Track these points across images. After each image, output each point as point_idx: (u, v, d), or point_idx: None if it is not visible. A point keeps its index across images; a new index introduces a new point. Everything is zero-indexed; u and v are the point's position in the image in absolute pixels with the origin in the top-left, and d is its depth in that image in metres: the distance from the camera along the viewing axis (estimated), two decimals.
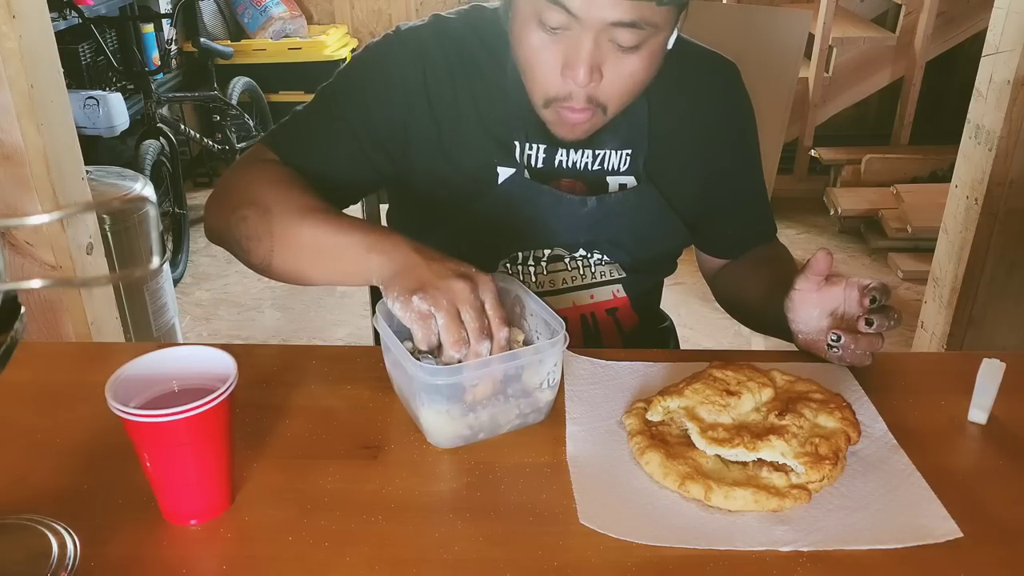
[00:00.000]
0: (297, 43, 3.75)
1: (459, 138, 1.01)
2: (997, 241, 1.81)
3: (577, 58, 0.85)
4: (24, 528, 0.67)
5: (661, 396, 0.78)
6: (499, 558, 0.65)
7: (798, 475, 0.71)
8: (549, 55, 0.88)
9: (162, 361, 0.70)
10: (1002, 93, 1.71)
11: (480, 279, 0.77)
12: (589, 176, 1.04)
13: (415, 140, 1.01)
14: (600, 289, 1.09)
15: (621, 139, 1.03)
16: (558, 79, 0.89)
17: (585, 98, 0.89)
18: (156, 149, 2.76)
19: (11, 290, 0.55)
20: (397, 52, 1.01)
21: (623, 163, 1.04)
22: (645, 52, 0.87)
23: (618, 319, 1.11)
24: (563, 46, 0.87)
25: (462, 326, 0.74)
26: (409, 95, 1.00)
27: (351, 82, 1.02)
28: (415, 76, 0.99)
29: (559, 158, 1.03)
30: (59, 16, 2.59)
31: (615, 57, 0.87)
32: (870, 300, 0.82)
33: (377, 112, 1.00)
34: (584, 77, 0.86)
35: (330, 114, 1.00)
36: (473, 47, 1.01)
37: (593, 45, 0.85)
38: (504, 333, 0.76)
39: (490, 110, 1.01)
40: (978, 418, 0.81)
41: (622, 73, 0.88)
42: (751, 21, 2.94)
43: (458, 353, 0.74)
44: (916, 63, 3.43)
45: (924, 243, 2.91)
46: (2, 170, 1.40)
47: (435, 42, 1.01)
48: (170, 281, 2.40)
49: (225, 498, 0.70)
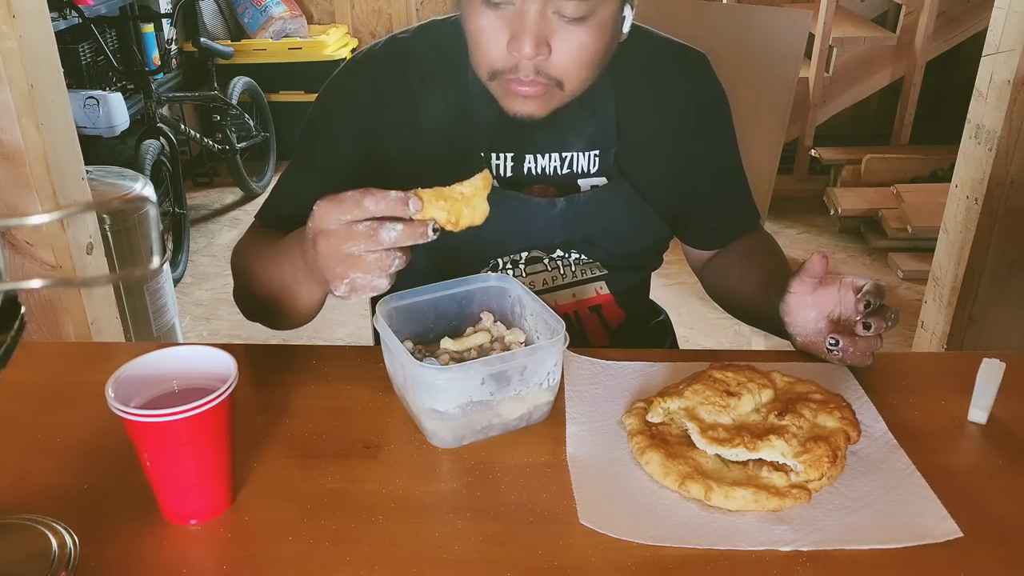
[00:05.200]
0: (297, 43, 3.75)
1: (425, 156, 1.01)
2: (997, 241, 1.81)
3: (522, 31, 0.85)
4: (24, 528, 0.67)
5: (661, 397, 0.78)
6: (499, 558, 0.65)
7: (798, 474, 0.71)
8: (495, 31, 0.87)
9: (162, 361, 0.70)
10: (1002, 93, 1.71)
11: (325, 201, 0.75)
12: (559, 181, 1.04)
13: (383, 167, 1.01)
14: (582, 287, 1.08)
15: (587, 140, 1.02)
16: (504, 53, 0.88)
17: (533, 70, 0.88)
18: (156, 149, 2.76)
19: (11, 290, 0.55)
20: (348, 84, 1.02)
21: (592, 164, 1.03)
22: (593, 23, 0.87)
23: (603, 316, 1.10)
24: (508, 20, 0.86)
25: (368, 229, 0.73)
26: (367, 125, 1.00)
27: (315, 129, 1.04)
28: (369, 105, 1.00)
29: (527, 165, 1.03)
30: (59, 16, 2.59)
31: (563, 29, 0.86)
32: (865, 305, 0.82)
33: (344, 152, 1.01)
34: (530, 49, 0.85)
35: (306, 172, 1.03)
36: (431, 62, 1.00)
37: (538, 17, 0.85)
38: (397, 194, 0.73)
39: (454, 124, 1.00)
40: (978, 418, 0.81)
41: (572, 45, 0.87)
42: (751, 21, 2.94)
43: (389, 232, 0.73)
44: (916, 63, 3.43)
45: (924, 243, 2.91)
46: (2, 170, 1.40)
47: (388, 64, 1.01)
48: (170, 281, 2.40)
49: (225, 498, 0.70)
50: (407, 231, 0.73)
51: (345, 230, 0.73)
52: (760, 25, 2.92)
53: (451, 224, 0.75)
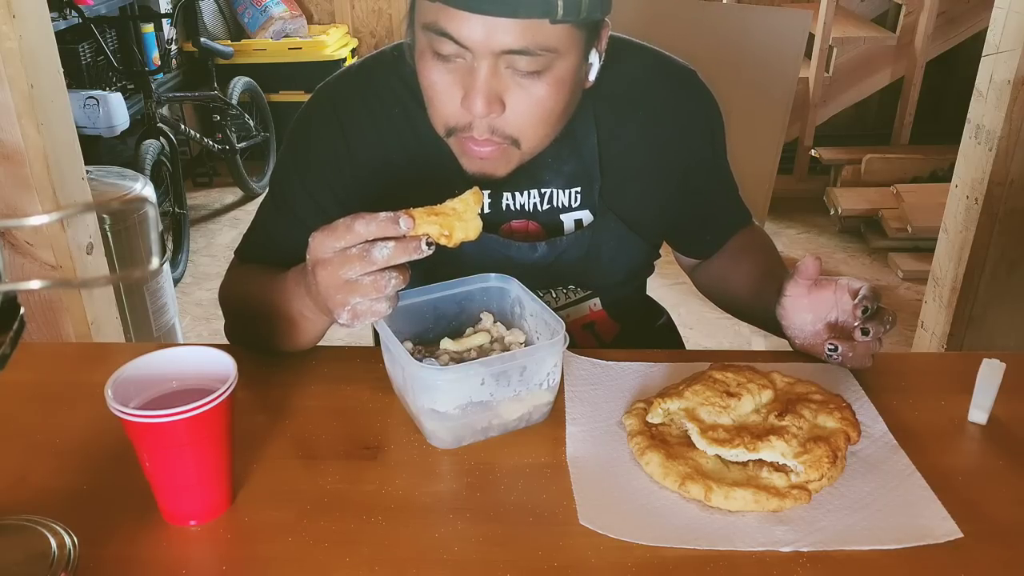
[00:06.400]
0: (297, 43, 3.75)
1: (394, 191, 0.93)
2: (997, 241, 1.81)
3: (474, 88, 0.81)
4: (24, 528, 0.67)
5: (661, 398, 0.78)
6: (499, 558, 0.65)
7: (798, 475, 0.71)
8: (448, 87, 0.83)
9: (162, 361, 0.70)
10: (1002, 93, 1.71)
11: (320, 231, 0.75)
12: (540, 216, 1.00)
13: (354, 200, 0.97)
14: (575, 308, 1.06)
15: (566, 177, 0.99)
16: (458, 110, 0.84)
17: (488, 129, 0.84)
18: (156, 149, 2.75)
19: (11, 290, 0.55)
20: (314, 116, 0.99)
21: (574, 200, 1.00)
22: (550, 79, 0.82)
23: (596, 332, 1.09)
24: (460, 76, 0.82)
25: (363, 253, 0.73)
26: (334, 158, 0.97)
27: (287, 163, 1.01)
28: (335, 136, 0.97)
29: (505, 201, 0.99)
30: (59, 16, 2.59)
31: (517, 85, 0.82)
32: (862, 311, 0.82)
33: (315, 188, 0.98)
34: (482, 108, 0.81)
35: (279, 210, 1.00)
36: (397, 91, 0.96)
37: (489, 73, 0.80)
38: (387, 215, 0.73)
39: (423, 157, 0.96)
40: (978, 418, 0.81)
41: (527, 102, 0.83)
42: (751, 21, 2.94)
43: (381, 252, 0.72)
44: (916, 63, 3.43)
45: (924, 243, 2.91)
46: (2, 170, 1.40)
47: (353, 94, 0.98)
48: (170, 281, 2.40)
49: (225, 498, 0.70)
50: (400, 248, 0.72)
51: (340, 256, 0.73)
52: (760, 25, 2.92)
53: (445, 238, 0.74)
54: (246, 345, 0.92)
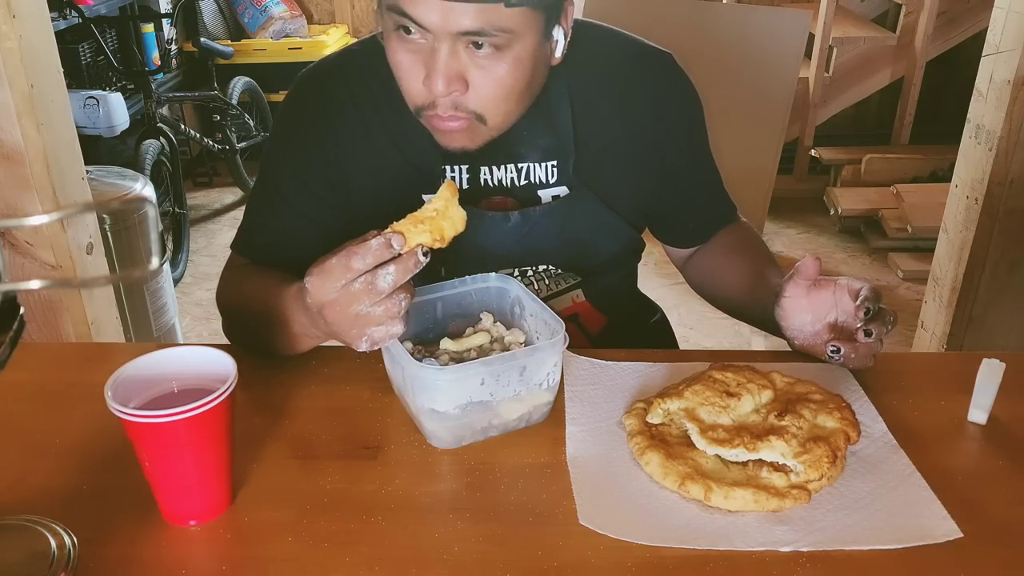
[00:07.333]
0: (297, 43, 3.75)
1: (380, 173, 0.99)
2: (997, 241, 1.81)
3: (435, 68, 0.83)
4: (24, 528, 0.67)
5: (660, 398, 0.78)
6: (499, 558, 0.65)
7: (797, 475, 0.71)
8: (411, 66, 0.86)
9: (162, 361, 0.70)
10: (1002, 93, 1.71)
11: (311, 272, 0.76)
12: (518, 192, 1.01)
13: (342, 184, 1.00)
14: (558, 299, 1.07)
15: (542, 151, 1.00)
16: (422, 89, 0.86)
17: (452, 106, 0.86)
18: (156, 149, 2.75)
19: (11, 290, 0.55)
20: (298, 100, 1.01)
21: (550, 175, 1.01)
22: (509, 58, 0.84)
23: (581, 324, 1.09)
24: (423, 56, 0.85)
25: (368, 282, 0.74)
26: (320, 142, 0.99)
27: (277, 149, 1.03)
28: (320, 120, 0.99)
29: (483, 177, 1.00)
30: (59, 16, 2.58)
31: (476, 65, 0.84)
32: (864, 312, 0.82)
33: (304, 173, 0.99)
34: (443, 87, 0.83)
35: (271, 200, 1.01)
36: (381, 75, 0.96)
37: (449, 54, 0.83)
38: (378, 241, 0.74)
39: (406, 138, 0.98)
40: (978, 418, 0.81)
41: (487, 80, 0.85)
42: (751, 21, 2.95)
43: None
44: (916, 63, 3.43)
45: (924, 243, 2.91)
46: (2, 170, 1.40)
47: (337, 78, 0.99)
48: (170, 281, 2.40)
49: (225, 498, 0.70)
50: (401, 269, 0.73)
51: (345, 294, 0.74)
52: (760, 25, 2.92)
53: (438, 242, 0.75)
54: (244, 347, 0.92)
